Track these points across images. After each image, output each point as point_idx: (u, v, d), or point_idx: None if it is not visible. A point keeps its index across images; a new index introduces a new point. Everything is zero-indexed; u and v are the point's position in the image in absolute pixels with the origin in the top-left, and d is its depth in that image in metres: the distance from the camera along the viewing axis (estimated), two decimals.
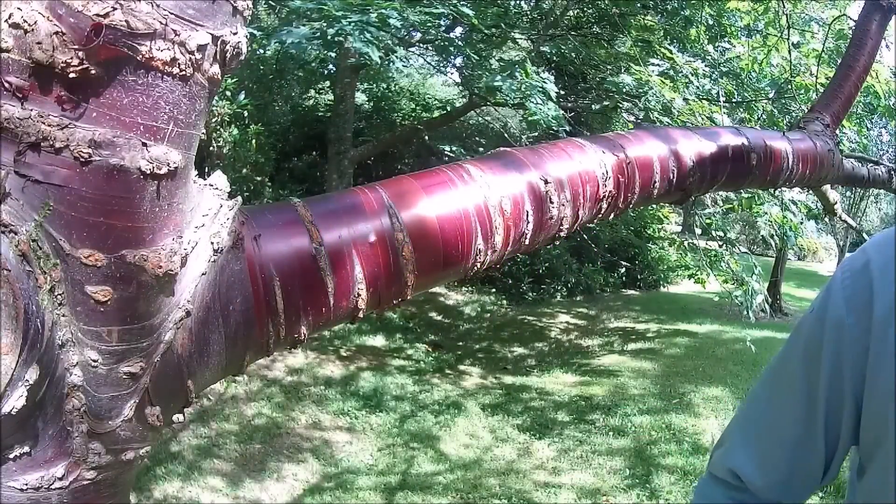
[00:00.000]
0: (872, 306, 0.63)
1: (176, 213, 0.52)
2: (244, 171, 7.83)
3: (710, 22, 5.80)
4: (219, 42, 0.50)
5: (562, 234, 1.01)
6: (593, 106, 7.56)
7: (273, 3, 6.19)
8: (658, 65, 5.68)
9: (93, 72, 0.44)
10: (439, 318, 9.24)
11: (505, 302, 10.18)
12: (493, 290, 10.31)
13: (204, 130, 0.55)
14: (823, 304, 0.69)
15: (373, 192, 0.76)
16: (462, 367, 7.62)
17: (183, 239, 0.53)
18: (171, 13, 0.46)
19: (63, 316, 0.47)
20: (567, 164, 1.00)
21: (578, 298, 10.92)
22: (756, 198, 4.61)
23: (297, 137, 10.25)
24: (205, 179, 0.59)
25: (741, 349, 7.59)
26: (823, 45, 4.01)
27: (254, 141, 7.90)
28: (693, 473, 4.81)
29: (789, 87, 4.63)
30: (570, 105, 7.27)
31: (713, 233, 5.28)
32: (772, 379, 0.77)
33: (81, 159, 0.45)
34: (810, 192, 3.95)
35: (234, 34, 0.51)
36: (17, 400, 0.44)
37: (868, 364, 0.63)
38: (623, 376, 7.00)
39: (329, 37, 3.78)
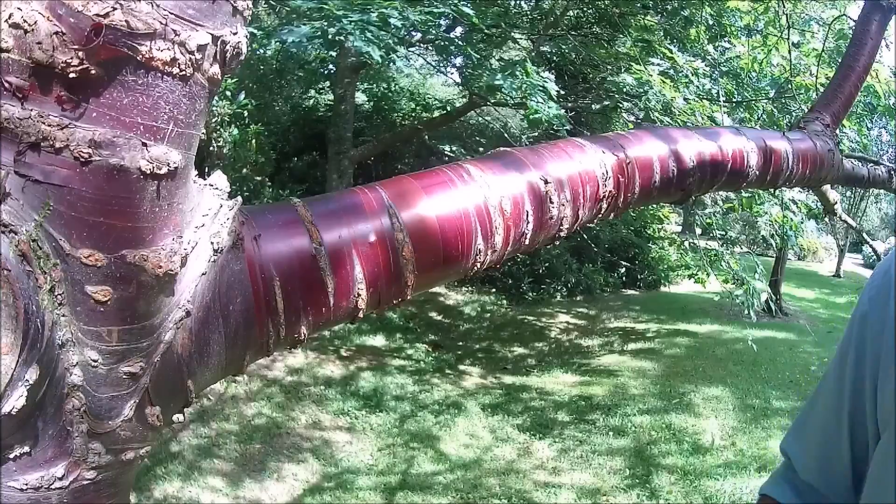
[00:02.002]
0: (890, 302, 0.65)
1: (176, 213, 0.52)
2: (244, 171, 7.83)
3: (710, 22, 5.80)
4: (219, 42, 0.50)
5: (562, 234, 1.01)
6: (593, 106, 7.56)
7: (273, 3, 6.19)
8: (658, 65, 5.67)
9: (93, 72, 0.44)
10: (439, 318, 9.25)
11: (505, 302, 10.18)
12: (493, 290, 10.31)
13: (204, 130, 0.55)
14: (857, 304, 0.73)
15: (373, 192, 0.76)
16: (462, 367, 7.62)
17: (183, 239, 0.53)
18: (171, 13, 0.46)
19: (63, 316, 0.47)
20: (567, 164, 1.00)
21: (578, 298, 10.92)
22: (756, 197, 4.61)
23: (297, 137, 10.25)
24: (205, 179, 0.59)
25: (741, 349, 7.59)
26: (823, 45, 4.01)
27: (254, 141, 7.90)
28: (693, 473, 4.81)
29: (789, 86, 4.63)
30: (570, 105, 7.26)
31: (714, 232, 5.28)
32: (824, 374, 0.82)
33: (81, 159, 0.45)
34: (810, 191, 3.95)
35: (234, 34, 0.51)
36: (17, 400, 0.44)
37: (881, 360, 0.65)
38: (623, 376, 7.00)
39: (330, 36, 3.78)
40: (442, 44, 6.77)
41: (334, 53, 7.81)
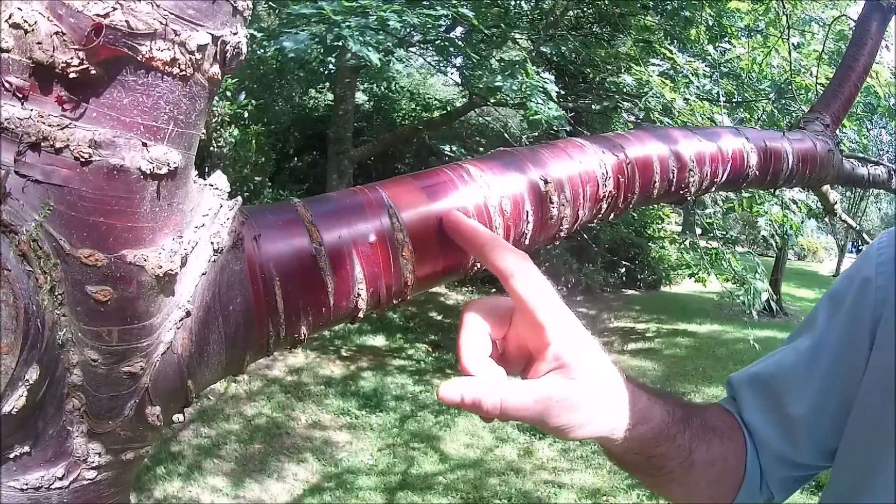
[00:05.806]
0: None
1: (176, 213, 0.52)
2: (244, 171, 7.83)
3: (710, 22, 5.80)
4: (219, 42, 0.50)
5: (562, 234, 1.01)
6: (593, 106, 7.56)
7: (273, 5, 6.19)
8: (658, 65, 5.67)
9: (93, 72, 0.44)
10: (439, 318, 9.24)
11: None
12: (493, 290, 10.30)
13: (204, 130, 0.55)
14: (856, 266, 0.72)
15: (373, 192, 0.76)
16: None
17: (183, 239, 0.53)
18: (171, 13, 0.46)
19: (63, 316, 0.47)
20: (567, 164, 0.99)
21: (578, 298, 10.92)
22: (756, 197, 4.61)
23: (297, 137, 10.25)
24: (205, 179, 0.59)
25: (742, 349, 7.58)
26: (823, 45, 4.00)
27: (254, 141, 7.90)
28: None
29: (789, 87, 4.63)
30: (570, 105, 7.26)
31: (715, 231, 5.28)
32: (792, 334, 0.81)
33: (82, 159, 0.45)
34: (810, 191, 3.94)
35: (235, 34, 0.51)
36: (17, 400, 0.44)
37: (878, 330, 0.65)
38: None
39: (328, 42, 3.77)
40: (442, 44, 6.77)
41: (334, 58, 7.81)
